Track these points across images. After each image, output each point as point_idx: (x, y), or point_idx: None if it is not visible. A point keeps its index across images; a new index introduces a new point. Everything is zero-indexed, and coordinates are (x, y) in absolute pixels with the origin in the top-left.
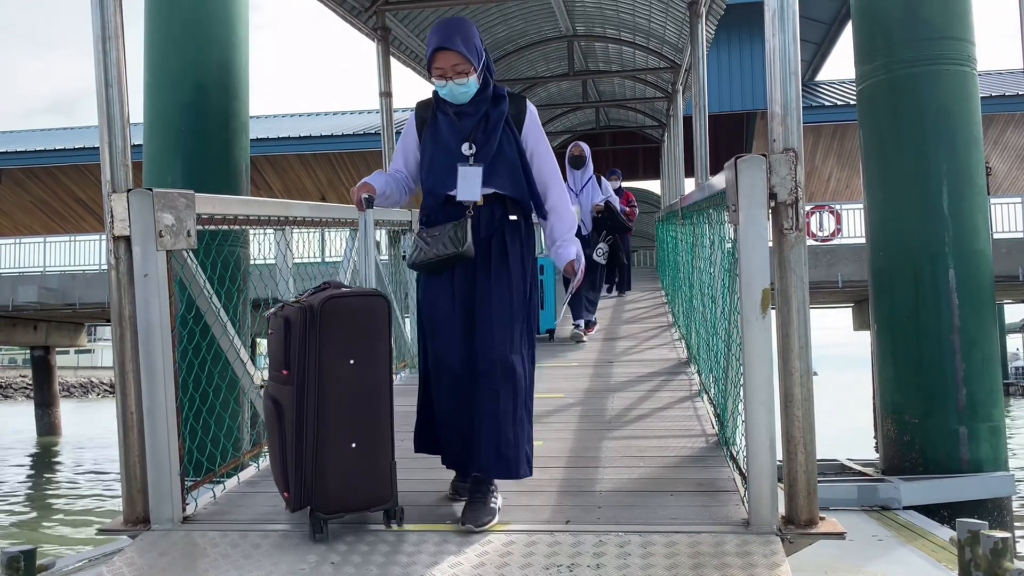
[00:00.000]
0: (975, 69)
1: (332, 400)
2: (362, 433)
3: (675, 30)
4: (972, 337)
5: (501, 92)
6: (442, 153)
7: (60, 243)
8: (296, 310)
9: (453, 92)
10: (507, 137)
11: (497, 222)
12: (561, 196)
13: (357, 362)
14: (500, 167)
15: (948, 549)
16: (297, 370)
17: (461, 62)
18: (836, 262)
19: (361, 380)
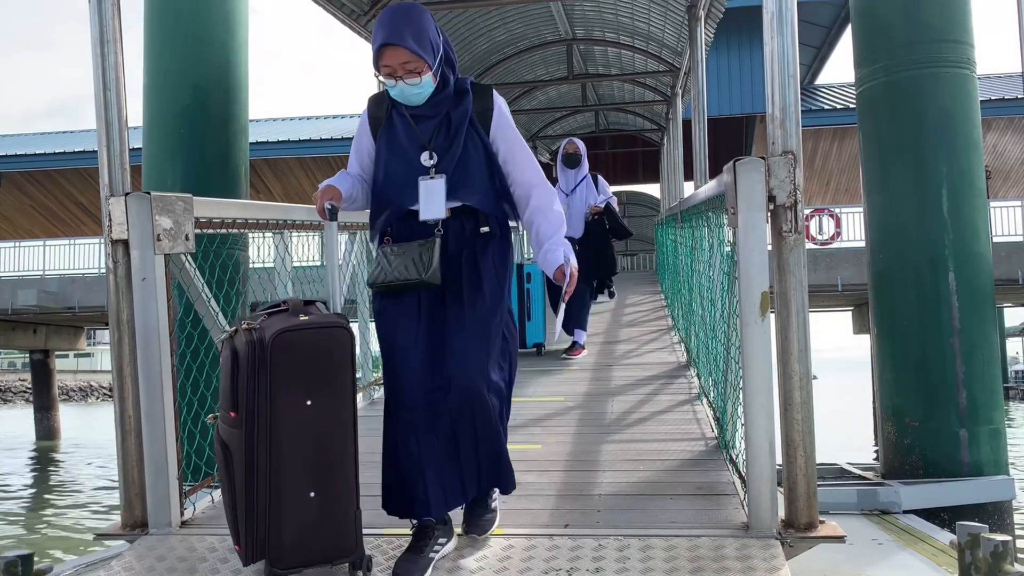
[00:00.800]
0: (975, 72)
1: (288, 445)
2: (322, 480)
3: (674, 33)
4: (972, 340)
5: (463, 86)
6: (399, 162)
7: (60, 247)
8: (244, 343)
9: (404, 93)
10: (473, 140)
11: (467, 236)
12: (545, 195)
13: (315, 402)
14: (467, 176)
15: (948, 553)
16: (246, 413)
17: (412, 59)
18: (836, 265)
19: (321, 422)
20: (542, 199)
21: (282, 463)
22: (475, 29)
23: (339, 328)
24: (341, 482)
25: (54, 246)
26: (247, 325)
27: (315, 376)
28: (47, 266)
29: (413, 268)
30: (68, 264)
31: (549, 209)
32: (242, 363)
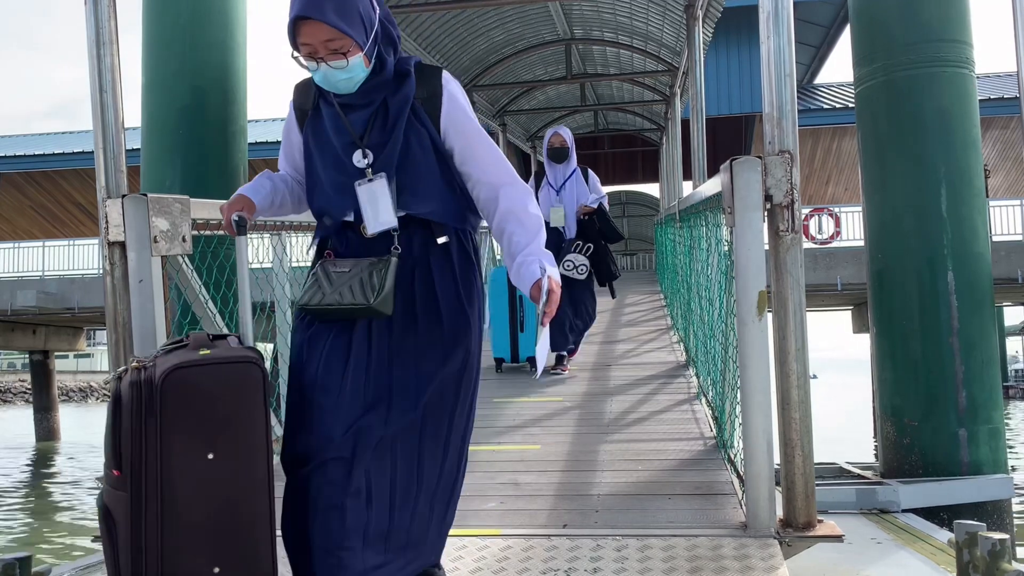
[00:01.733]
0: (973, 71)
1: (184, 510)
2: (228, 552)
3: (672, 33)
4: (971, 339)
5: (405, 68)
6: (327, 163)
7: (59, 247)
8: (128, 385)
9: (329, 79)
10: (417, 133)
11: (418, 252)
12: (516, 196)
13: (218, 456)
14: (412, 179)
15: (947, 552)
16: (131, 470)
17: (335, 37)
18: (835, 265)
19: (224, 480)
20: (513, 201)
21: (177, 532)
22: (473, 29)
23: (248, 363)
24: (252, 553)
25: (53, 247)
26: (137, 363)
27: (218, 423)
28: (46, 267)
29: (360, 291)
30: (67, 265)
31: (523, 212)
32: (125, 409)
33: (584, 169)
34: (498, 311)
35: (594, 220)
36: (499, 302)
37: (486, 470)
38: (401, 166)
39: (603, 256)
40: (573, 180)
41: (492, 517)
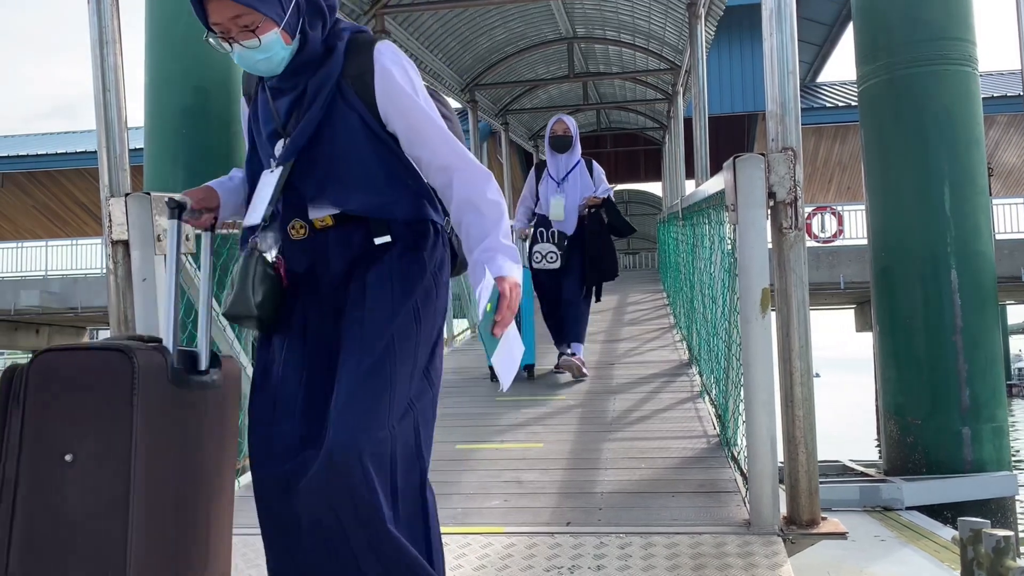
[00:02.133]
0: (976, 69)
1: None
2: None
3: (675, 31)
4: (975, 338)
5: (332, 43)
6: (256, 155)
7: (62, 247)
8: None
9: (245, 61)
10: (345, 117)
11: (356, 252)
12: (472, 180)
13: (78, 458)
14: (339, 170)
15: (951, 549)
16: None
17: (243, 13)
18: (838, 263)
19: (83, 489)
20: (469, 186)
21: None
22: (475, 28)
23: (115, 352)
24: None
25: (56, 246)
26: None
27: (79, 418)
28: (49, 266)
29: (240, 297)
30: (70, 264)
31: (481, 199)
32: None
33: (588, 160)
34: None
35: (601, 213)
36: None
37: (489, 468)
38: (329, 157)
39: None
40: (577, 172)
41: (495, 515)
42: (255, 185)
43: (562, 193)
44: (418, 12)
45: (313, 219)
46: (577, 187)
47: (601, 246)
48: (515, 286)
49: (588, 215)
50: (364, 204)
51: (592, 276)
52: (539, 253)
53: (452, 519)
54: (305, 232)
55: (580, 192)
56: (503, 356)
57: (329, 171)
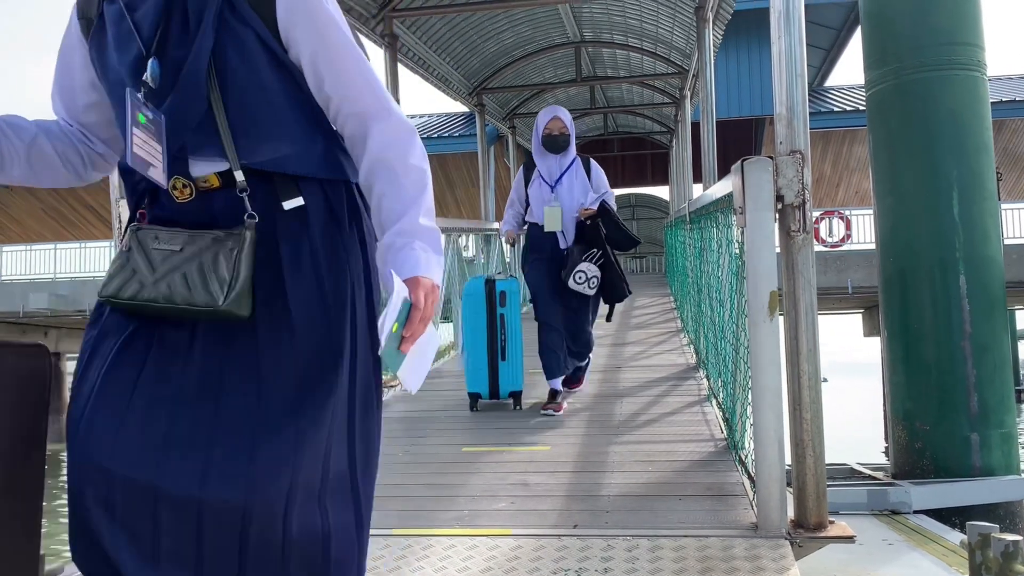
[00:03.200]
0: (985, 74)
1: None
2: None
3: (683, 35)
4: (983, 343)
5: None
6: (114, 85)
7: (70, 250)
8: None
9: None
10: (235, 33)
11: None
12: (394, 137)
13: None
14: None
15: (959, 553)
16: None
17: None
18: (846, 268)
19: None
20: (390, 143)
21: None
22: (483, 32)
23: None
24: None
25: (65, 249)
26: None
27: None
28: (58, 269)
29: (200, 283)
30: (79, 267)
31: (402, 162)
32: None
33: (585, 159)
34: (474, 333)
35: (598, 225)
36: (475, 321)
37: (495, 471)
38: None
39: (610, 269)
40: (572, 173)
41: (502, 517)
42: (115, 117)
43: (556, 200)
44: (426, 16)
45: (196, 177)
46: (574, 191)
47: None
48: (432, 291)
49: (588, 225)
50: (270, 155)
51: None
52: (583, 274)
53: (458, 521)
54: (190, 193)
55: (578, 197)
56: (413, 363)
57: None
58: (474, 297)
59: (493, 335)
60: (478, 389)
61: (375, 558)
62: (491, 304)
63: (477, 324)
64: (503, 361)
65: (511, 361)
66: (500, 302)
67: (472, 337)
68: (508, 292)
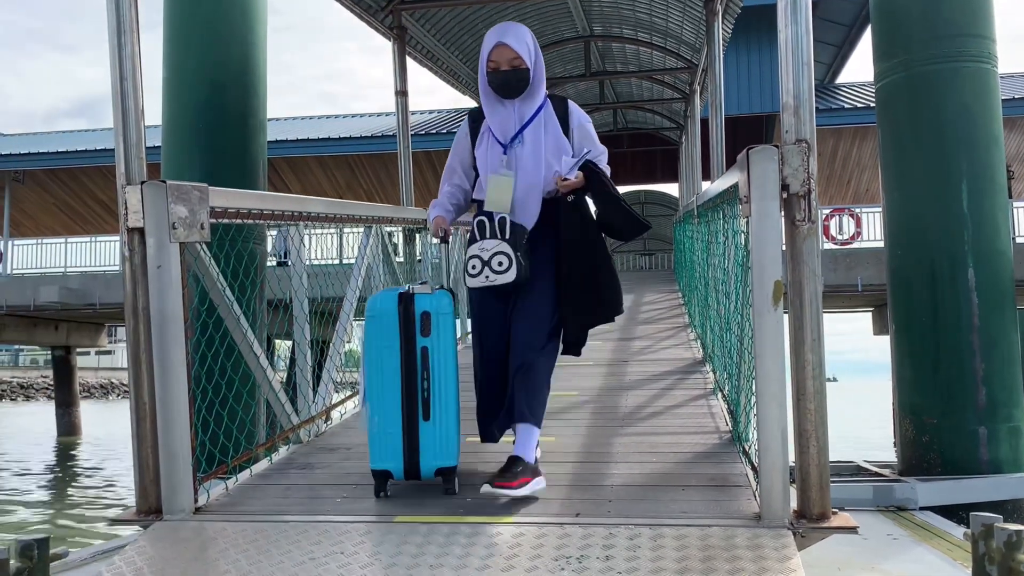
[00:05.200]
0: (996, 66)
1: None
2: None
3: (692, 29)
4: (992, 337)
5: None
6: None
7: (81, 244)
8: None
9: None
10: None
11: None
12: None
13: None
14: None
15: (964, 548)
16: None
17: None
18: (855, 265)
19: None
20: None
21: None
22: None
23: None
24: None
25: (76, 243)
26: None
27: None
28: (69, 263)
29: None
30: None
31: None
32: None
33: (560, 103)
34: (380, 377)
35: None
36: (382, 358)
37: (500, 461)
38: None
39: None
40: (537, 127)
41: (504, 506)
42: None
43: (510, 165)
44: (435, 8)
45: None
46: (541, 153)
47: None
48: None
49: (566, 204)
50: None
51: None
52: (477, 258)
53: (461, 509)
54: None
55: (545, 161)
56: None
57: None
58: (380, 321)
59: (411, 381)
60: (386, 465)
61: (377, 544)
62: (407, 332)
63: (385, 363)
64: (426, 421)
65: (440, 421)
66: (422, 329)
67: (378, 384)
68: (435, 313)
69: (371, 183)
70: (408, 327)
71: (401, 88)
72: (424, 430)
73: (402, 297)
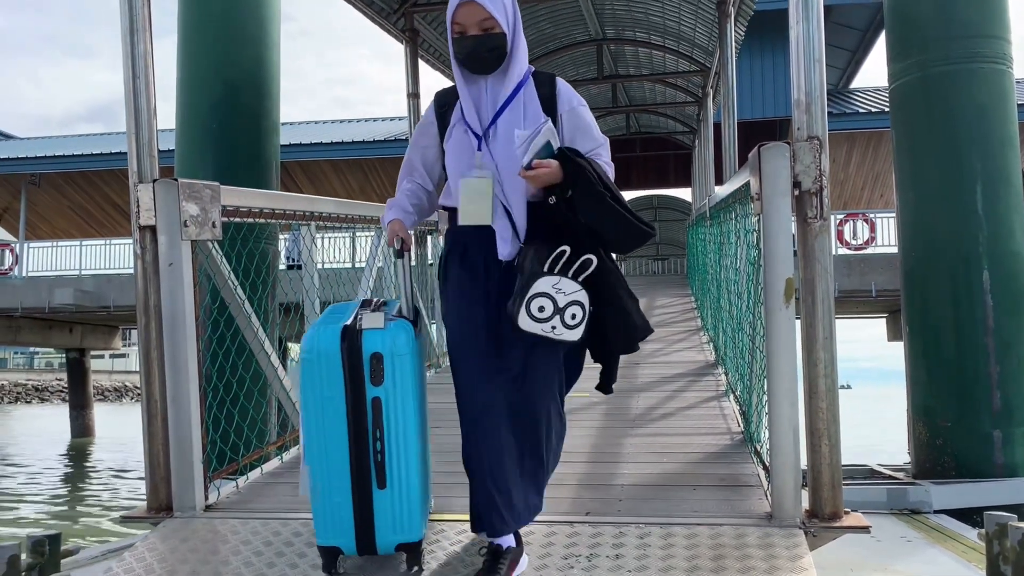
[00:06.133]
0: (1011, 68)
1: None
2: None
3: (705, 32)
4: (1007, 339)
5: None
6: None
7: (96, 246)
8: None
9: None
10: None
11: None
12: None
13: None
14: None
15: (978, 550)
16: None
17: None
18: (869, 271)
19: None
20: None
21: None
22: None
23: None
24: None
25: (90, 246)
26: None
27: None
28: (83, 265)
29: None
30: (104, 264)
31: None
32: None
33: (546, 80)
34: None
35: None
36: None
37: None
38: None
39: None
40: (516, 109)
41: None
42: None
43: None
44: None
45: None
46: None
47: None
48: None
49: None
50: None
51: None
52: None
53: None
54: None
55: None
56: None
57: None
58: (319, 366)
59: (360, 440)
60: (335, 541)
61: None
62: (353, 379)
63: (328, 418)
64: (381, 489)
65: (399, 488)
66: (372, 375)
67: (319, 443)
68: (389, 355)
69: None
70: (355, 373)
71: (413, 90)
72: (379, 500)
73: (346, 332)
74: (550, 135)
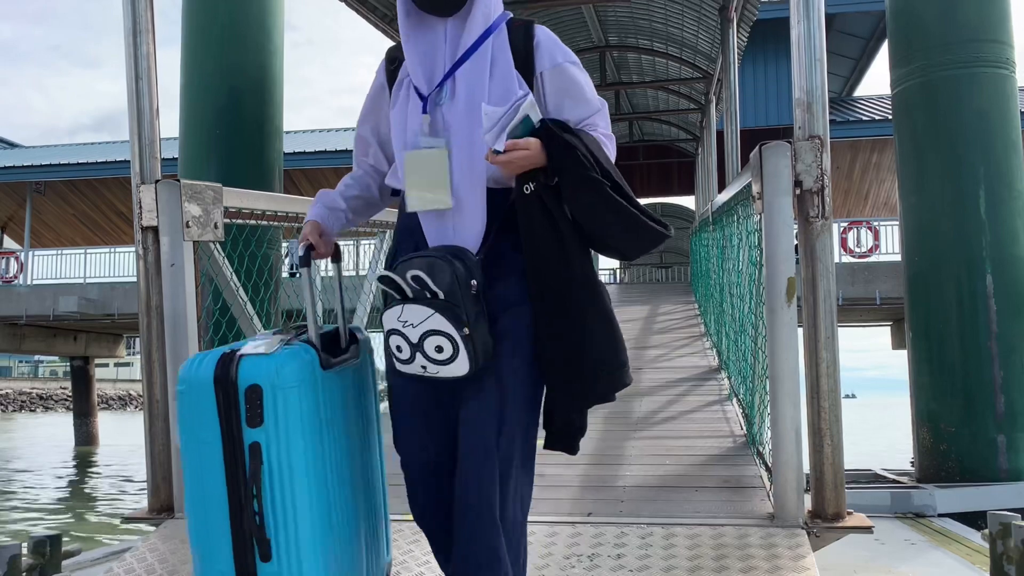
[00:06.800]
0: (1014, 72)
1: None
2: None
3: (708, 39)
4: (1011, 344)
5: None
6: None
7: (100, 254)
8: None
9: None
10: None
11: None
12: None
13: None
14: None
15: (982, 552)
16: None
17: None
18: (874, 279)
19: None
20: None
21: None
22: None
23: None
24: None
25: (95, 254)
26: None
27: None
28: (88, 273)
29: None
30: (108, 272)
31: None
32: None
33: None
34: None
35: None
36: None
37: None
38: None
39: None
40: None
41: None
42: None
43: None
44: None
45: None
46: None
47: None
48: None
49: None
50: None
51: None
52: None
53: None
54: None
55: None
56: None
57: None
58: (191, 399)
59: (239, 497)
60: None
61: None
62: (228, 418)
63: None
64: (265, 563)
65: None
66: (248, 415)
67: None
68: (269, 388)
69: None
70: (229, 412)
71: None
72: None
73: (222, 361)
74: (530, 109)
